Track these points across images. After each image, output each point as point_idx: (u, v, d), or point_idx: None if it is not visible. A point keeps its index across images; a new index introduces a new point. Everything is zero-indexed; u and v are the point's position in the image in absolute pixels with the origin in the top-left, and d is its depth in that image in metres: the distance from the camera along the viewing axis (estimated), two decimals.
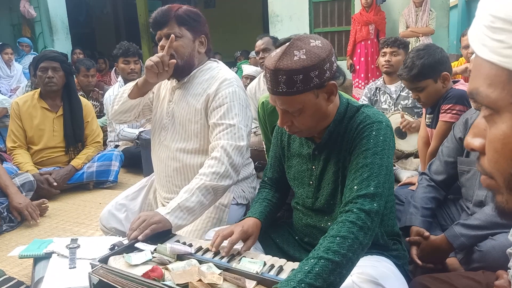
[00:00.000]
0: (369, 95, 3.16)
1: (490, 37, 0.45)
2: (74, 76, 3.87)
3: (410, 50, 2.30)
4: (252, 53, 5.69)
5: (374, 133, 1.17)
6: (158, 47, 1.69)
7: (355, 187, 1.12)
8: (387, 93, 3.04)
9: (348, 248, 1.00)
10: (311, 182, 1.33)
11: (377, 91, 3.11)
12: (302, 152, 1.36)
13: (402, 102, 2.97)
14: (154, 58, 1.59)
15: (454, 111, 1.95)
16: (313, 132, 1.27)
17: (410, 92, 2.93)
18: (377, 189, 1.11)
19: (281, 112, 1.20)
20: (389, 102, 3.03)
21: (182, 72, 1.71)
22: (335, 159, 1.26)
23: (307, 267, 0.96)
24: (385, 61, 2.99)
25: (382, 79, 3.14)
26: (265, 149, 2.37)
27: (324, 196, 1.30)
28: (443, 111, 2.00)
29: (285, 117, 1.20)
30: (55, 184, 2.84)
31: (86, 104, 3.19)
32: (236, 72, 3.18)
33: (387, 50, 2.97)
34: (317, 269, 0.95)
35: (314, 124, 1.22)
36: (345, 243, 1.01)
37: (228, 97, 1.63)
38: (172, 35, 1.60)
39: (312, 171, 1.33)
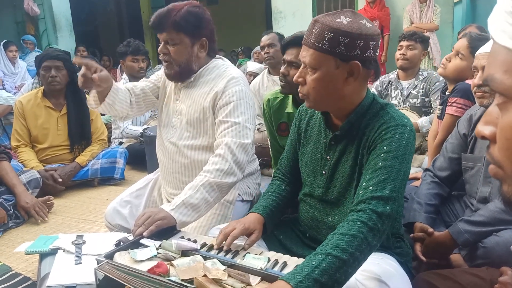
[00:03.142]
0: (379, 89, 3.09)
1: (509, 23, 0.45)
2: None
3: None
4: (257, 48, 5.67)
5: (397, 136, 1.14)
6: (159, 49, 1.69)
7: (371, 187, 1.11)
8: (399, 88, 2.98)
9: (356, 247, 1.00)
10: (323, 172, 1.31)
11: (389, 85, 3.05)
12: (320, 140, 1.34)
13: (411, 100, 2.93)
14: (80, 77, 1.55)
15: (459, 105, 1.95)
16: (320, 105, 1.25)
17: (420, 91, 2.89)
18: (392, 193, 1.09)
19: (302, 66, 1.21)
20: (399, 98, 2.98)
21: (180, 77, 1.71)
22: (353, 153, 1.24)
23: (314, 262, 0.96)
24: (400, 54, 2.90)
25: (396, 73, 3.06)
26: (269, 146, 2.38)
27: (337, 188, 1.28)
28: (449, 103, 2.01)
29: (302, 72, 1.20)
30: (60, 180, 2.86)
31: None
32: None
33: (404, 43, 2.88)
34: (324, 265, 0.95)
35: (322, 94, 1.19)
36: (354, 242, 1.00)
37: (235, 95, 1.63)
38: None
39: (326, 161, 1.30)
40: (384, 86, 3.07)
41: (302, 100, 1.31)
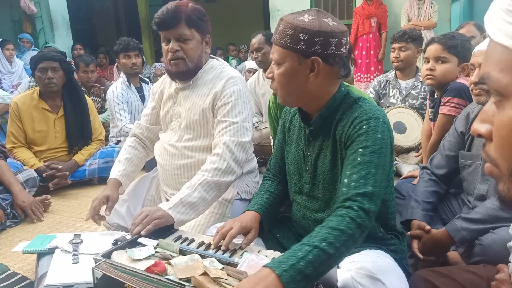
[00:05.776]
0: (377, 88, 3.09)
1: (505, 20, 0.45)
2: (75, 73, 3.85)
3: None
4: None
5: (372, 131, 1.16)
6: (167, 47, 1.65)
7: (353, 183, 1.12)
8: (397, 88, 2.99)
9: (343, 242, 1.02)
10: (307, 168, 1.33)
11: (387, 84, 3.06)
12: (300, 137, 1.36)
13: (410, 100, 2.93)
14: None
15: (452, 104, 1.96)
16: (287, 99, 1.27)
17: (420, 93, 2.90)
18: (375, 188, 1.11)
19: (272, 63, 1.26)
20: (398, 98, 2.98)
21: (190, 74, 1.71)
22: (330, 148, 1.26)
23: (300, 253, 0.98)
24: (394, 57, 2.94)
25: (394, 72, 3.07)
26: (272, 144, 2.38)
27: (321, 183, 1.29)
28: (442, 103, 2.01)
29: (272, 68, 1.26)
30: (60, 167, 2.83)
31: (88, 102, 3.16)
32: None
33: (396, 45, 2.92)
34: (310, 257, 0.97)
35: (287, 88, 1.23)
36: (342, 237, 1.02)
37: (233, 95, 1.63)
38: None
39: (307, 158, 1.33)
40: (382, 86, 3.08)
41: None
